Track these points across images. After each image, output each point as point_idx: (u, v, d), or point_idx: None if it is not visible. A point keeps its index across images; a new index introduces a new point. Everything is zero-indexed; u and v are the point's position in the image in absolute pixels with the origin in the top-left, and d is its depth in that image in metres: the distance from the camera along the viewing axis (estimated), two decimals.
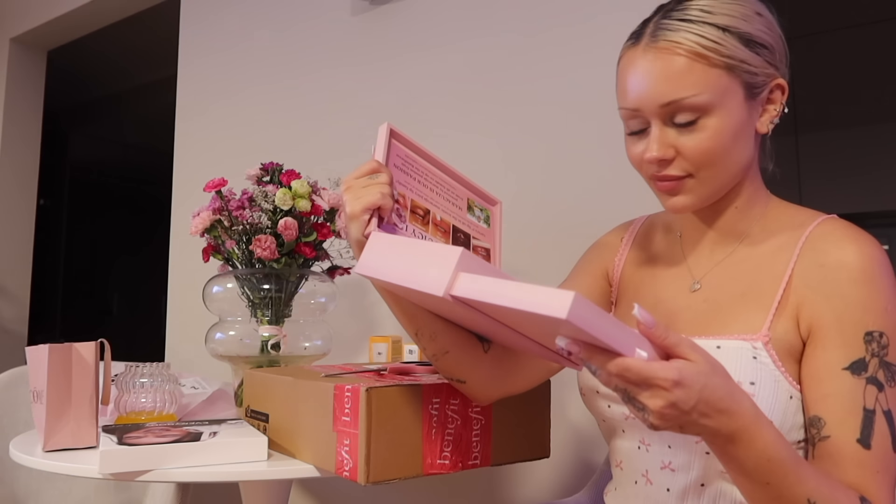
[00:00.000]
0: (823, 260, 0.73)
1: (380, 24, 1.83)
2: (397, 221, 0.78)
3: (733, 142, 0.75)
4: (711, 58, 0.72)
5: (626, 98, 0.77)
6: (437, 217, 0.84)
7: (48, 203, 4.52)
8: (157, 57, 3.66)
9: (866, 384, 0.68)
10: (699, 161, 0.75)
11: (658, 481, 0.79)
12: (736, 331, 0.75)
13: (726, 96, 0.73)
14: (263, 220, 1.26)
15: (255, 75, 2.11)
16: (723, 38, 0.73)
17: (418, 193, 0.83)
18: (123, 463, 0.86)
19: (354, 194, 0.75)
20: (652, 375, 0.55)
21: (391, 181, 0.77)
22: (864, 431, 0.68)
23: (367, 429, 0.78)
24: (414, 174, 0.83)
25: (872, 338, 0.69)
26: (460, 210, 0.87)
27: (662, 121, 0.75)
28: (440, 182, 0.86)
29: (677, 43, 0.73)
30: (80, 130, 4.78)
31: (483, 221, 0.88)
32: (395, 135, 0.82)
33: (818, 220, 0.77)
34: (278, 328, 1.29)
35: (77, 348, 1.03)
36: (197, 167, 2.23)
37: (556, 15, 1.53)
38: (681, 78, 0.72)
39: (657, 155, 0.75)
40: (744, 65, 0.74)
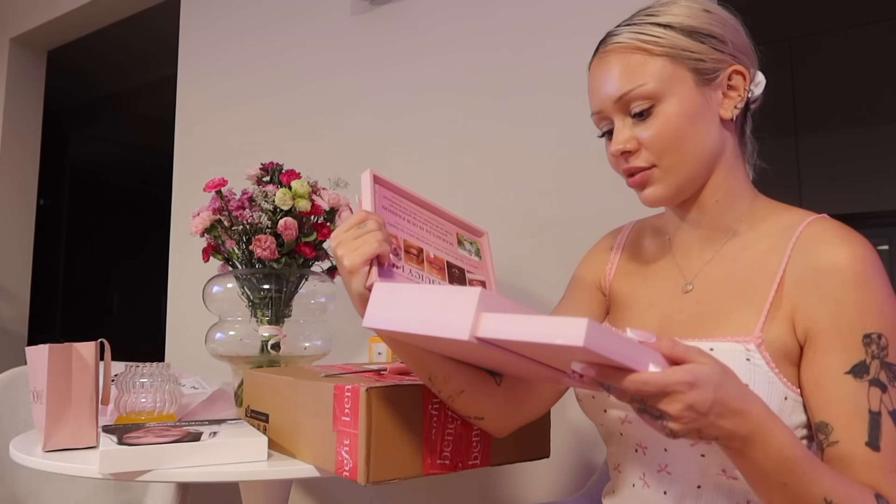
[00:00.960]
0: (815, 262, 0.73)
1: (380, 23, 1.83)
2: (395, 262, 0.78)
3: (690, 125, 0.77)
4: (652, 49, 0.78)
5: (592, 103, 0.83)
6: (430, 255, 0.84)
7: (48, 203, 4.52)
8: (157, 57, 3.66)
9: (869, 386, 0.69)
10: (659, 148, 0.78)
11: (655, 484, 0.79)
12: (728, 333, 0.76)
13: (673, 83, 0.77)
14: (263, 220, 1.26)
15: (254, 75, 2.11)
16: (663, 32, 0.78)
17: (409, 233, 0.83)
18: (123, 463, 0.86)
19: (349, 247, 0.74)
20: (668, 382, 0.56)
21: (383, 225, 0.77)
22: (871, 434, 0.68)
23: (367, 429, 0.78)
24: (403, 214, 0.84)
25: (871, 340, 0.69)
26: (451, 245, 0.87)
27: (620, 115, 0.80)
28: (428, 220, 0.87)
29: (621, 42, 0.79)
30: (80, 130, 4.78)
31: (474, 254, 0.89)
32: (378, 180, 0.83)
33: (808, 220, 0.77)
34: (278, 328, 1.29)
35: (77, 348, 1.03)
36: (197, 167, 2.23)
37: (556, 14, 1.53)
38: (627, 72, 0.78)
39: (620, 147, 0.79)
40: (686, 52, 0.78)
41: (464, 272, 0.86)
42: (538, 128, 1.53)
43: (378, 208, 0.81)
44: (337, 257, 0.75)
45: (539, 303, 1.47)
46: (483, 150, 1.61)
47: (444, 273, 0.84)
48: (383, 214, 0.81)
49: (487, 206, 1.59)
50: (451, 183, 1.65)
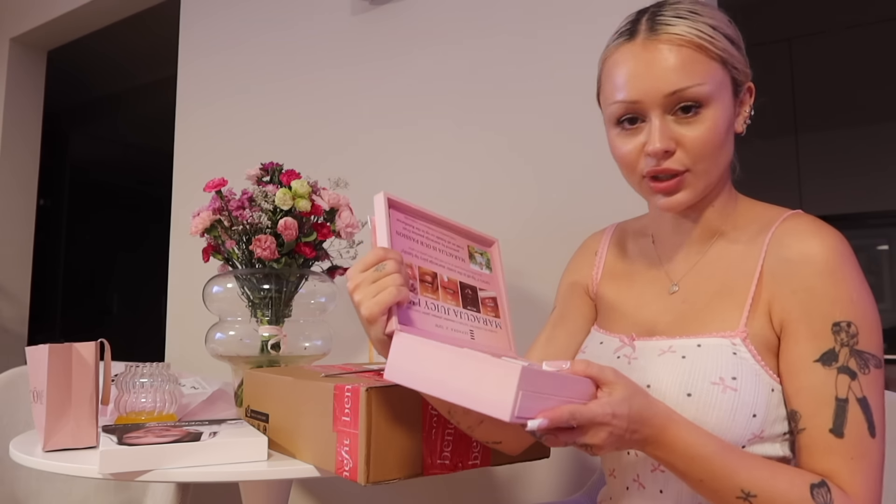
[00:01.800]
0: (788, 254, 0.75)
1: (380, 23, 1.83)
2: (412, 297, 0.77)
3: (726, 136, 0.78)
4: (710, 50, 0.75)
5: (624, 91, 0.77)
6: (444, 279, 0.84)
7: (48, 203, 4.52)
8: (157, 57, 3.66)
9: (838, 374, 0.70)
10: (699, 153, 0.76)
11: (650, 484, 0.80)
12: (714, 329, 0.78)
13: (721, 90, 0.76)
14: (263, 220, 1.26)
15: (255, 75, 2.11)
16: (715, 34, 0.76)
17: (423, 257, 0.82)
18: (123, 463, 0.86)
19: (367, 293, 0.71)
20: (594, 416, 0.62)
21: (401, 262, 0.74)
22: (836, 421, 0.69)
23: (367, 429, 0.78)
24: (416, 237, 0.83)
25: (840, 328, 0.71)
26: (463, 262, 0.87)
27: (664, 111, 0.76)
28: (440, 238, 0.86)
29: (679, 35, 0.75)
30: (80, 130, 4.78)
31: (485, 267, 0.89)
32: (392, 203, 0.80)
33: (784, 216, 0.79)
34: (278, 328, 1.29)
35: (77, 348, 1.03)
36: (197, 167, 2.23)
37: (556, 15, 1.53)
38: (685, 68, 0.74)
39: (661, 146, 0.75)
40: (732, 60, 0.77)
41: (476, 291, 0.86)
42: (539, 126, 1.53)
43: (393, 235, 0.78)
44: (354, 303, 0.72)
45: (542, 305, 1.47)
46: (484, 150, 1.61)
47: (457, 297, 0.84)
48: (398, 241, 0.80)
49: (489, 205, 1.59)
50: (452, 182, 1.65)
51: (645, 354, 0.82)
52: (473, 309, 0.85)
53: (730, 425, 0.72)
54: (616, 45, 0.80)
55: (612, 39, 0.82)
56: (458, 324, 0.83)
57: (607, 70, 0.81)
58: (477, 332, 0.84)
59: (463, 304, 0.84)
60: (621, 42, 0.79)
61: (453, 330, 0.82)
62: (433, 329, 0.79)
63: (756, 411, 0.73)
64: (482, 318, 0.86)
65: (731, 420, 0.72)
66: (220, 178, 1.29)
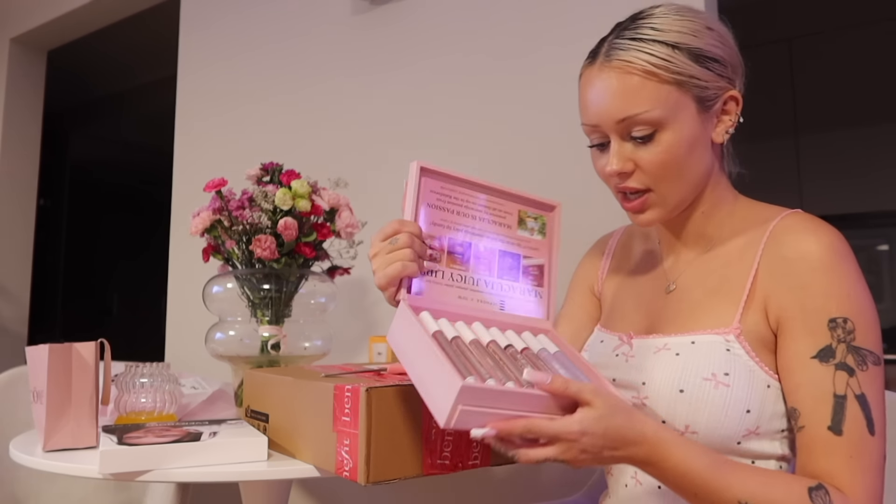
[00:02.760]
0: (785, 252, 0.75)
1: (380, 23, 1.83)
2: (433, 267, 0.80)
3: (688, 154, 0.78)
4: (661, 75, 0.75)
5: (587, 114, 0.81)
6: (479, 248, 0.84)
7: (48, 203, 4.52)
8: (158, 57, 3.65)
9: (835, 370, 0.70)
10: (656, 174, 0.78)
11: (647, 480, 0.81)
12: (708, 325, 0.78)
13: (678, 111, 0.76)
14: (263, 220, 1.26)
15: (254, 75, 2.11)
16: (672, 55, 0.76)
17: (457, 227, 0.83)
18: (123, 463, 0.86)
19: (380, 263, 0.78)
20: (558, 432, 0.63)
21: (417, 235, 0.78)
22: (834, 418, 0.69)
23: (367, 429, 0.78)
24: (452, 207, 0.83)
25: (837, 324, 0.71)
26: (509, 229, 0.87)
27: (620, 136, 0.79)
28: (484, 205, 0.86)
29: (629, 62, 0.76)
30: (80, 130, 4.77)
31: (538, 233, 0.88)
32: (426, 172, 0.81)
33: (782, 215, 0.80)
34: (278, 328, 1.29)
35: (77, 348, 1.03)
36: (197, 167, 2.23)
37: (557, 15, 1.53)
38: (633, 95, 0.76)
39: (616, 168, 0.79)
40: (693, 80, 0.76)
41: (518, 260, 0.86)
42: (540, 127, 1.53)
43: (423, 206, 0.81)
44: (372, 268, 0.79)
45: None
46: (484, 150, 1.61)
47: (493, 267, 0.85)
48: (429, 212, 0.81)
49: None
50: None
51: (641, 352, 0.83)
52: (510, 278, 0.85)
53: (722, 420, 0.73)
54: (585, 65, 0.83)
55: (586, 57, 0.84)
56: (488, 294, 0.84)
57: (579, 88, 0.84)
58: (508, 301, 0.85)
59: (498, 274, 0.85)
60: (587, 63, 0.82)
61: (479, 301, 0.83)
62: (454, 300, 0.82)
63: (750, 407, 0.73)
64: (520, 287, 0.86)
65: (724, 415, 0.73)
66: (220, 178, 1.29)
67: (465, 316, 0.82)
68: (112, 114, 4.64)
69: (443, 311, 0.81)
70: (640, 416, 0.67)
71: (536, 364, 0.77)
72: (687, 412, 0.74)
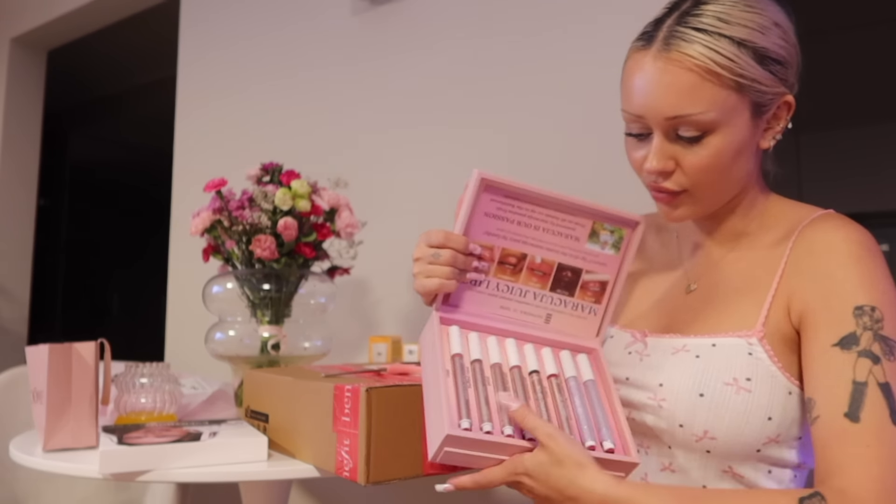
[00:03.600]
0: (812, 247, 0.73)
1: (380, 23, 1.83)
2: (478, 278, 0.81)
3: (733, 160, 0.74)
4: (723, 76, 0.70)
5: (631, 102, 0.75)
6: (535, 259, 0.82)
7: (48, 203, 4.52)
8: (158, 57, 3.65)
9: (858, 357, 0.65)
10: (697, 178, 0.74)
11: (658, 483, 0.79)
12: (731, 328, 0.75)
13: (733, 115, 0.71)
14: (263, 220, 1.25)
15: (255, 75, 2.11)
16: (738, 54, 0.70)
17: (514, 238, 0.81)
18: (123, 463, 0.86)
19: (420, 271, 0.78)
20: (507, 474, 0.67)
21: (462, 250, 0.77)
22: (852, 405, 0.64)
23: (367, 429, 0.78)
24: (512, 217, 0.81)
25: (863, 311, 0.67)
26: (576, 242, 0.83)
27: (665, 132, 0.74)
28: (549, 217, 0.83)
29: (690, 57, 0.70)
30: (80, 130, 4.77)
31: (610, 247, 0.84)
32: (487, 183, 0.79)
33: (814, 216, 0.77)
34: (278, 328, 1.29)
35: (77, 348, 1.02)
36: (197, 167, 2.23)
37: (557, 13, 1.53)
38: (690, 94, 0.70)
39: (657, 167, 0.74)
40: (754, 84, 0.71)
41: (579, 273, 0.84)
42: (541, 125, 1.53)
43: (479, 216, 0.79)
44: (413, 271, 0.80)
45: None
46: (485, 149, 1.61)
47: (546, 280, 0.83)
48: (484, 222, 0.80)
49: None
50: (452, 182, 1.65)
51: (658, 352, 0.80)
52: (565, 292, 0.84)
53: (743, 427, 0.71)
54: (634, 49, 0.76)
55: (637, 37, 0.77)
56: (534, 307, 0.83)
57: (625, 71, 0.77)
58: (556, 315, 0.83)
59: (551, 288, 0.83)
60: (639, 46, 0.75)
61: (523, 312, 0.82)
62: (495, 311, 0.81)
63: (771, 414, 0.71)
64: (572, 302, 0.84)
65: (745, 422, 0.71)
66: (220, 178, 1.29)
67: (500, 330, 0.81)
68: (112, 114, 4.64)
69: (476, 324, 0.81)
70: (591, 473, 0.64)
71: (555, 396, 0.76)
72: (706, 417, 0.72)
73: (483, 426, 0.69)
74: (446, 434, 0.67)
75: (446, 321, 0.80)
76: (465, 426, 0.69)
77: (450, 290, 0.78)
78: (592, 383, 0.79)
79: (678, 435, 0.75)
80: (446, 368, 0.75)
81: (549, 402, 0.75)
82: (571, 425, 0.72)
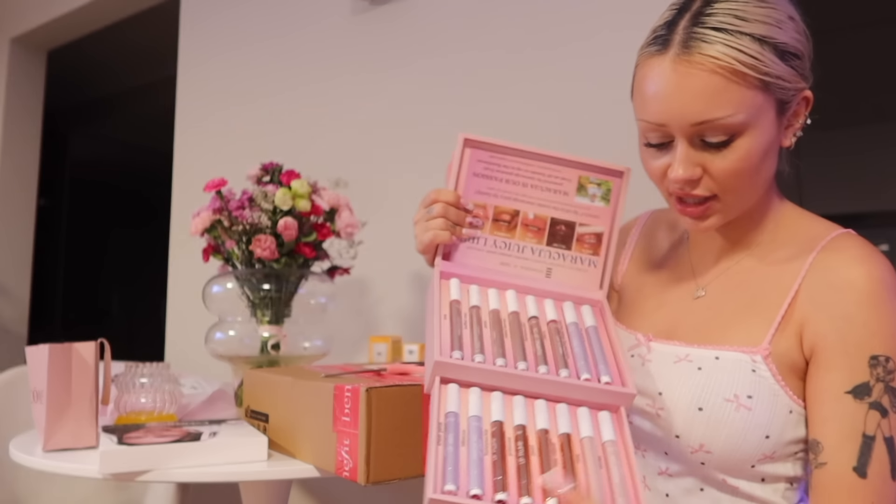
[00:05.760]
0: (831, 279, 0.70)
1: (380, 24, 1.83)
2: (474, 234, 0.82)
3: (762, 161, 0.71)
4: (749, 76, 0.67)
5: (650, 111, 0.72)
6: (528, 215, 0.83)
7: (48, 203, 4.52)
8: (158, 57, 3.65)
9: (868, 409, 0.66)
10: (727, 183, 0.71)
11: (656, 486, 0.78)
12: (736, 342, 0.74)
13: (760, 115, 0.69)
14: (263, 220, 1.26)
15: (254, 75, 2.11)
16: (761, 52, 0.67)
17: (505, 196, 0.83)
18: (123, 463, 0.86)
19: (418, 229, 0.80)
20: None
21: (454, 204, 0.80)
22: (861, 459, 0.65)
23: (367, 429, 0.78)
24: (501, 175, 0.83)
25: (878, 362, 0.67)
26: (565, 196, 0.84)
27: (690, 139, 0.70)
28: (536, 173, 0.84)
29: (713, 58, 0.67)
30: (79, 130, 4.77)
31: (599, 199, 0.84)
32: (471, 143, 0.83)
33: (832, 235, 0.74)
34: (278, 328, 1.29)
35: (77, 348, 1.03)
36: (197, 167, 2.23)
37: (558, 13, 1.53)
38: (717, 97, 0.67)
39: (684, 175, 0.71)
40: (779, 81, 0.69)
41: (573, 227, 0.84)
42: (540, 126, 1.53)
43: (468, 176, 0.83)
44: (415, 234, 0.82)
45: None
46: None
47: (542, 235, 0.83)
48: (474, 181, 0.82)
49: None
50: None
51: (660, 358, 0.78)
52: (562, 246, 0.83)
53: (740, 444, 0.70)
54: (648, 54, 0.72)
55: (645, 44, 0.74)
56: (533, 262, 0.83)
57: (638, 79, 0.74)
58: (556, 269, 0.83)
59: (548, 242, 0.83)
60: (653, 52, 0.71)
61: (523, 268, 0.82)
62: (495, 266, 0.82)
63: (770, 433, 0.70)
64: (571, 255, 0.83)
65: (742, 440, 0.70)
66: (220, 178, 1.29)
67: (500, 283, 0.81)
68: (112, 114, 4.64)
69: (477, 277, 0.80)
70: None
71: (553, 338, 0.74)
72: (703, 432, 0.71)
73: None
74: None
75: (446, 275, 0.80)
76: (457, 356, 0.68)
77: (444, 240, 0.79)
78: (594, 329, 0.77)
79: (674, 445, 0.75)
80: (443, 313, 0.74)
81: (547, 343, 0.73)
82: (569, 362, 0.71)
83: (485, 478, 0.61)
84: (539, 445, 0.64)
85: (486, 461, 0.62)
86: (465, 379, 0.67)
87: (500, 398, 0.68)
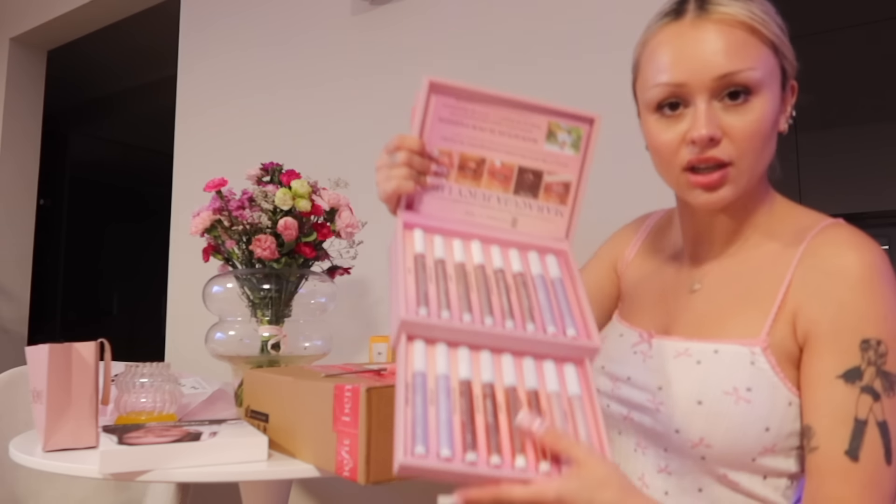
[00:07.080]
0: (822, 266, 0.71)
1: (380, 23, 1.83)
2: (439, 183, 0.79)
3: (772, 130, 0.73)
4: (763, 33, 0.71)
5: (668, 72, 0.73)
6: (495, 163, 0.81)
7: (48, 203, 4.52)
8: (158, 57, 3.65)
9: (860, 393, 0.66)
10: (745, 145, 0.71)
11: (655, 484, 0.78)
12: (735, 335, 0.74)
13: (772, 78, 0.72)
14: (263, 220, 1.26)
15: (254, 75, 2.11)
16: (767, 18, 0.73)
17: (472, 143, 0.80)
18: (123, 463, 0.86)
19: (380, 178, 0.77)
20: (533, 498, 0.57)
21: (419, 151, 0.75)
22: (852, 443, 0.65)
23: (368, 429, 0.78)
24: (466, 122, 0.80)
25: (869, 345, 0.67)
26: (534, 143, 0.82)
27: (711, 96, 0.71)
28: (504, 119, 0.81)
29: (732, 14, 0.71)
30: (79, 130, 4.78)
31: (569, 147, 0.82)
32: (437, 88, 0.78)
33: (822, 225, 0.75)
34: (278, 328, 1.29)
35: (77, 348, 1.03)
36: (197, 167, 2.23)
37: (559, 13, 1.53)
38: (739, 49, 0.70)
39: (707, 132, 0.70)
40: (783, 47, 0.73)
41: (541, 175, 0.82)
42: None
43: (434, 122, 0.79)
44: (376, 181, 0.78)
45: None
46: None
47: (508, 183, 0.81)
48: (439, 127, 0.79)
49: None
50: None
51: (660, 354, 0.79)
52: (529, 195, 0.81)
53: (740, 437, 0.70)
54: (660, 26, 0.75)
55: (655, 21, 0.77)
56: (499, 210, 0.81)
57: (648, 52, 0.76)
58: (522, 219, 0.81)
59: (514, 191, 0.81)
60: (666, 22, 0.74)
61: (489, 217, 0.80)
62: (460, 216, 0.79)
63: (769, 425, 0.70)
64: (537, 204, 0.82)
65: (742, 432, 0.70)
66: (220, 178, 1.29)
67: (464, 234, 0.79)
68: (112, 114, 4.64)
69: (441, 227, 0.78)
70: (631, 492, 0.60)
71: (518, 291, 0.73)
72: (703, 425, 0.71)
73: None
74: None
75: (409, 225, 0.77)
76: (423, 314, 0.66)
77: (408, 190, 0.76)
78: (559, 280, 0.76)
79: (674, 440, 0.75)
80: (408, 267, 0.72)
81: (513, 296, 0.73)
82: (535, 316, 0.70)
83: (454, 438, 0.61)
84: (507, 402, 0.64)
85: (454, 421, 0.62)
86: (431, 336, 0.67)
87: (468, 354, 0.67)
